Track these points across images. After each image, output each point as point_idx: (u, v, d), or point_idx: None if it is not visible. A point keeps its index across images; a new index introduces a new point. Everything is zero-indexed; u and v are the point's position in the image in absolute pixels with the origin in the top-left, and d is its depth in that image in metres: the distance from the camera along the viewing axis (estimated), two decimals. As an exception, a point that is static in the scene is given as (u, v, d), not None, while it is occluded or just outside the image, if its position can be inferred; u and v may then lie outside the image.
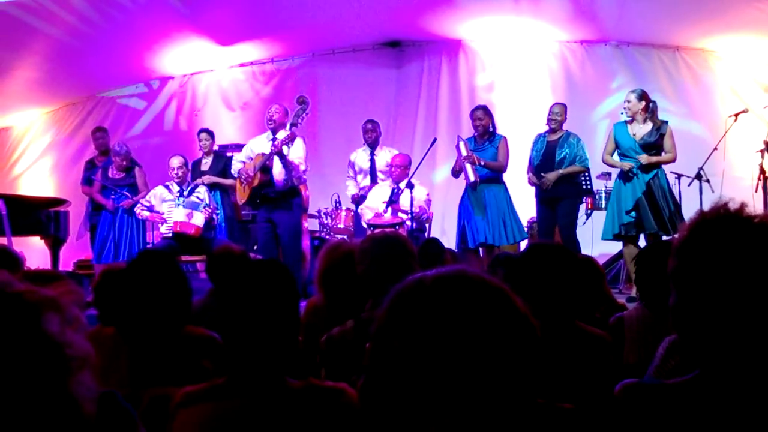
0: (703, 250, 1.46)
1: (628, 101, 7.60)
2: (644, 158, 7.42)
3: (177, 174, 8.42)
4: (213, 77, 11.83)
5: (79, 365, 1.27)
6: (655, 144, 7.45)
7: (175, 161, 8.50)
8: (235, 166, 8.22)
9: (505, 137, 8.15)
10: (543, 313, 2.69)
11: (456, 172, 8.24)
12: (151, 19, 9.52)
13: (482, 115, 8.18)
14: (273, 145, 7.77)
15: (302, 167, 7.96)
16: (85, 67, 10.54)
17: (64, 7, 8.81)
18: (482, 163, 7.89)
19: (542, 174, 7.99)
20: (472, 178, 7.87)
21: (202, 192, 8.45)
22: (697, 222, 1.50)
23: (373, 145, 9.01)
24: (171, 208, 8.27)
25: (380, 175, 8.88)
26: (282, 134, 7.94)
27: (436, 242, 5.72)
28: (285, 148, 7.75)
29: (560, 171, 7.90)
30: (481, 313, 1.22)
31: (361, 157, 9.08)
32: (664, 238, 7.17)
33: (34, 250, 9.44)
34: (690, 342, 1.49)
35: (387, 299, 1.30)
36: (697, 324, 1.46)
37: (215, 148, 9.58)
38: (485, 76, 11.26)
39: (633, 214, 7.39)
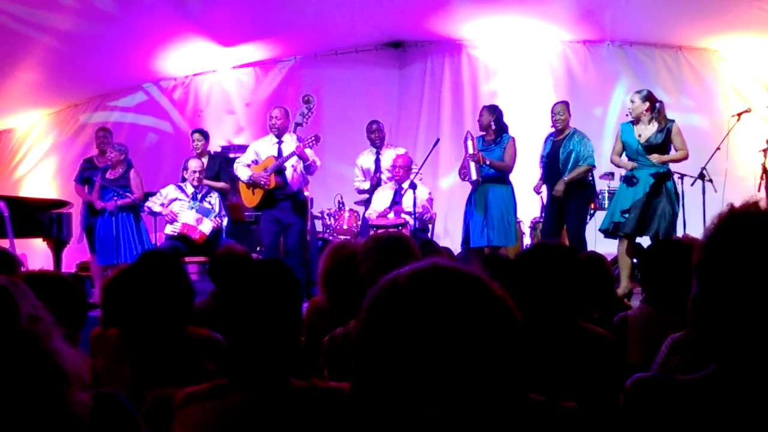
0: (729, 245, 1.45)
1: (632, 102, 7.48)
2: (655, 158, 7.29)
3: (198, 178, 8.39)
4: (215, 78, 11.83)
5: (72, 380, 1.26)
6: (660, 146, 7.34)
7: (195, 164, 8.45)
8: (242, 172, 8.11)
9: (513, 138, 8.07)
10: (546, 312, 2.68)
11: (462, 173, 8.20)
12: (153, 21, 9.52)
13: (484, 112, 8.18)
14: (296, 148, 7.77)
15: (318, 162, 8.02)
16: (88, 68, 10.55)
17: (66, 9, 8.81)
18: (488, 163, 7.85)
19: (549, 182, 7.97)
20: (474, 176, 7.85)
21: (213, 198, 8.44)
22: (726, 217, 1.50)
23: (378, 146, 9.01)
24: (182, 209, 8.25)
25: (386, 173, 8.87)
26: (288, 138, 7.97)
27: (432, 243, 5.71)
28: (308, 150, 7.79)
29: (565, 178, 7.79)
30: (458, 303, 1.20)
31: (366, 159, 9.08)
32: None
33: (36, 252, 9.46)
34: (708, 337, 1.48)
35: (365, 301, 1.29)
36: (718, 318, 1.45)
37: (218, 149, 9.56)
38: (488, 76, 11.27)
39: (626, 215, 7.33)
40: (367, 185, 9.04)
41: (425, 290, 1.22)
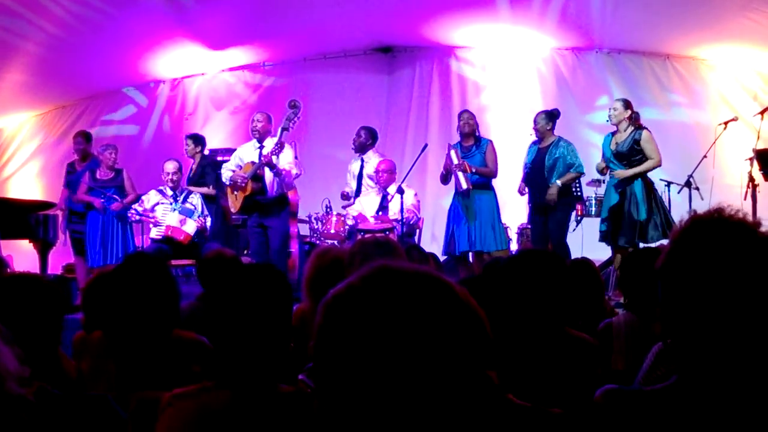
0: (691, 252, 1.46)
1: (615, 109, 7.60)
2: (619, 173, 7.46)
3: (172, 179, 8.39)
4: (204, 81, 11.82)
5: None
6: (627, 154, 7.45)
7: (170, 166, 8.45)
8: (225, 175, 8.17)
9: (491, 141, 8.16)
10: (532, 318, 2.69)
11: (444, 178, 8.23)
12: (142, 24, 9.49)
13: (471, 117, 8.23)
14: (263, 156, 7.78)
15: (294, 171, 7.98)
16: (76, 70, 10.51)
17: (55, 11, 8.77)
18: (473, 170, 7.89)
19: (532, 185, 8.03)
20: (464, 185, 7.86)
21: (195, 199, 8.44)
22: (689, 223, 1.51)
23: (358, 151, 8.99)
24: (165, 212, 8.25)
25: (369, 182, 8.86)
26: (269, 142, 7.94)
27: (418, 249, 5.70)
28: (274, 158, 7.76)
29: (558, 183, 7.82)
30: (411, 302, 1.19)
31: (354, 163, 9.08)
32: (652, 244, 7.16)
33: (23, 254, 9.41)
34: (674, 344, 1.49)
35: (320, 307, 1.28)
36: (680, 326, 1.46)
37: (205, 152, 9.54)
38: (476, 82, 11.29)
39: (606, 224, 7.43)
40: (348, 190, 9.07)
41: (378, 292, 1.21)
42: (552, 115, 8.13)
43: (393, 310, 1.18)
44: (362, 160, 8.95)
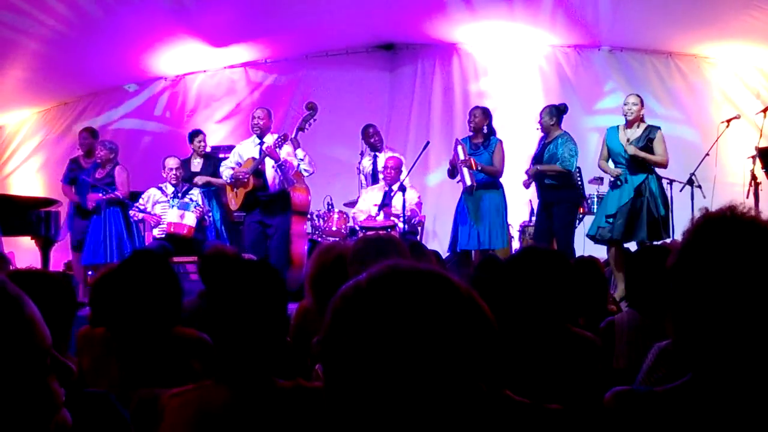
0: (704, 250, 1.44)
1: (634, 104, 7.47)
2: (631, 149, 7.32)
3: (175, 174, 8.39)
4: (206, 78, 11.80)
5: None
6: (642, 149, 7.38)
7: (171, 162, 8.46)
8: (225, 173, 8.16)
9: (500, 141, 8.10)
10: (535, 315, 2.69)
11: (451, 172, 8.21)
12: (144, 20, 9.49)
13: (479, 114, 8.18)
14: (266, 147, 7.77)
15: (295, 162, 7.97)
16: (77, 67, 10.50)
17: (57, 8, 8.77)
18: (479, 168, 7.86)
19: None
20: (468, 182, 7.84)
21: (195, 194, 8.45)
22: (701, 222, 1.49)
23: (376, 148, 8.99)
24: (164, 210, 8.26)
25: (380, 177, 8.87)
26: (269, 138, 7.94)
27: (420, 246, 5.69)
28: (277, 149, 7.76)
29: (538, 167, 7.84)
30: (420, 302, 1.19)
31: (366, 162, 9.07)
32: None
33: (25, 251, 9.41)
34: (685, 344, 1.48)
35: (329, 305, 1.28)
36: (693, 325, 1.45)
37: (207, 149, 9.55)
38: (478, 79, 11.27)
39: (610, 220, 7.33)
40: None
41: (387, 292, 1.21)
42: (558, 110, 8.05)
43: (401, 310, 1.18)
44: (374, 157, 8.94)
